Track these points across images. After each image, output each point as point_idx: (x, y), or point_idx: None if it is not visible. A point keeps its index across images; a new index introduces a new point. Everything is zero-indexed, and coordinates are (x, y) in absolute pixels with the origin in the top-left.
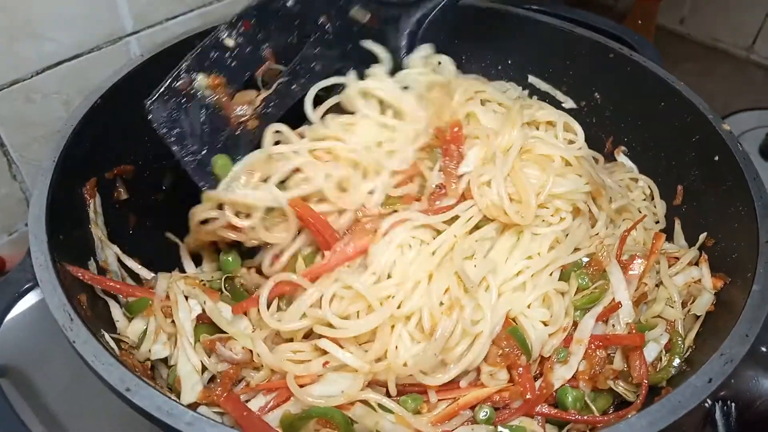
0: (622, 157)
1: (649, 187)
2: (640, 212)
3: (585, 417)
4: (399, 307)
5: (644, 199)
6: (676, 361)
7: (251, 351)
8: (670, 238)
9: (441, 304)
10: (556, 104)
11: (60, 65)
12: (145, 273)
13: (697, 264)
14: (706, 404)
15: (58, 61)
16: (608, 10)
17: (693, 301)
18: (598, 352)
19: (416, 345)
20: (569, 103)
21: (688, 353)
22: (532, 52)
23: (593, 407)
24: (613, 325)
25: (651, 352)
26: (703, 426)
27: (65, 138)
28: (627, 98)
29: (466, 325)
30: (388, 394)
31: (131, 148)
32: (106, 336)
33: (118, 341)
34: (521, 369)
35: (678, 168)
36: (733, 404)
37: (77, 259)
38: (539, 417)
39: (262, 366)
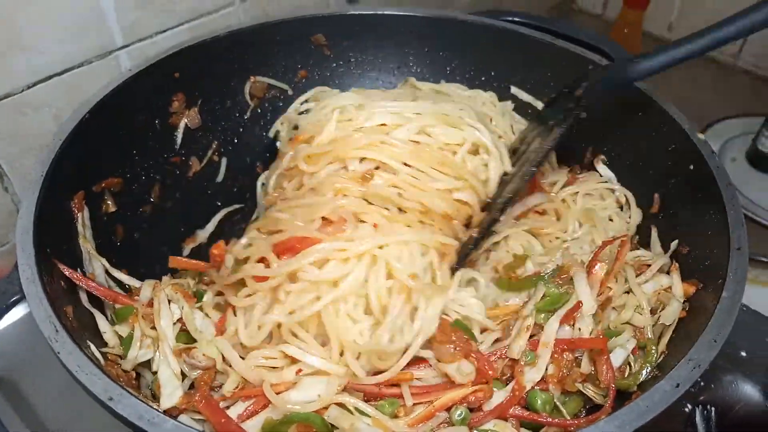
0: (601, 167)
1: (624, 196)
2: (611, 220)
3: (556, 420)
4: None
5: (620, 207)
6: (647, 369)
7: (214, 358)
8: (647, 246)
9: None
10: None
11: (50, 79)
12: (134, 282)
13: (668, 272)
14: (686, 408)
15: (48, 75)
16: (596, 18)
17: (663, 309)
18: (564, 355)
19: (364, 323)
20: None
21: (660, 359)
22: (514, 64)
23: (563, 410)
24: (579, 329)
25: (618, 357)
26: (684, 430)
27: (53, 152)
28: (606, 108)
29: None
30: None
31: (119, 161)
32: (92, 347)
33: (104, 353)
34: (474, 355)
35: (655, 177)
36: (713, 409)
37: (63, 273)
38: (513, 420)
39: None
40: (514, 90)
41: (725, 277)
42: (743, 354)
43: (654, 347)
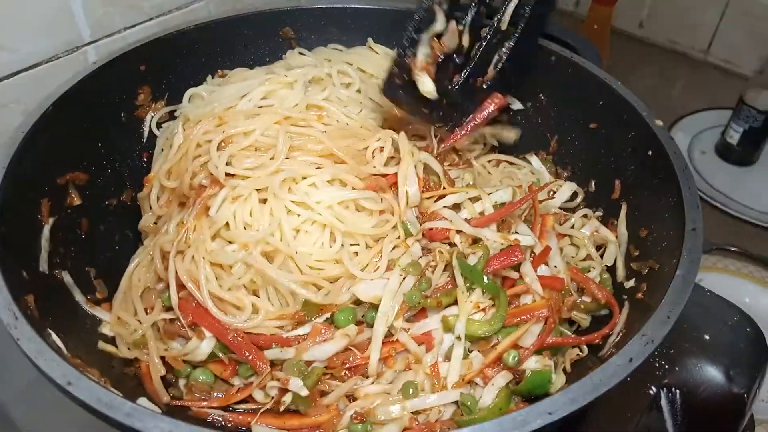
0: (534, 159)
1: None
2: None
3: (581, 338)
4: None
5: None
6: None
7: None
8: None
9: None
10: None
11: (18, 74)
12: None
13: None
14: (651, 391)
15: (16, 70)
16: (568, 15)
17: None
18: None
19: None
20: (517, 104)
21: None
22: None
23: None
24: (556, 266)
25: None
26: (649, 411)
27: (16, 144)
28: (569, 98)
29: None
30: None
31: (84, 155)
32: (53, 335)
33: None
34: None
35: (616, 163)
36: (677, 391)
37: (25, 262)
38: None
39: None
40: None
41: (680, 257)
42: (707, 337)
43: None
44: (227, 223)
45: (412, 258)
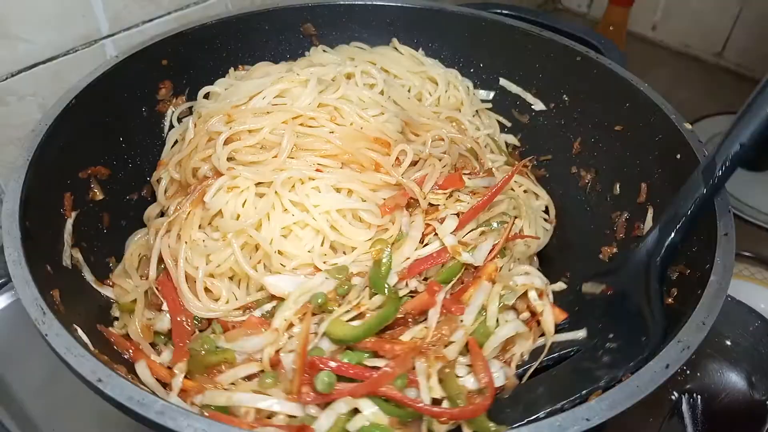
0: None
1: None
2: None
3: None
4: None
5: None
6: None
7: None
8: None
9: None
10: (527, 106)
11: (35, 67)
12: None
13: None
14: (673, 397)
15: (33, 63)
16: (581, 17)
17: None
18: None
19: None
20: (539, 105)
21: None
22: (502, 56)
23: None
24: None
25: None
26: (670, 417)
27: (39, 137)
28: (594, 100)
29: None
30: None
31: (106, 148)
32: (79, 331)
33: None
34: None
35: (642, 166)
36: (699, 397)
37: (49, 257)
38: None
39: None
40: (502, 82)
41: (713, 262)
42: (728, 343)
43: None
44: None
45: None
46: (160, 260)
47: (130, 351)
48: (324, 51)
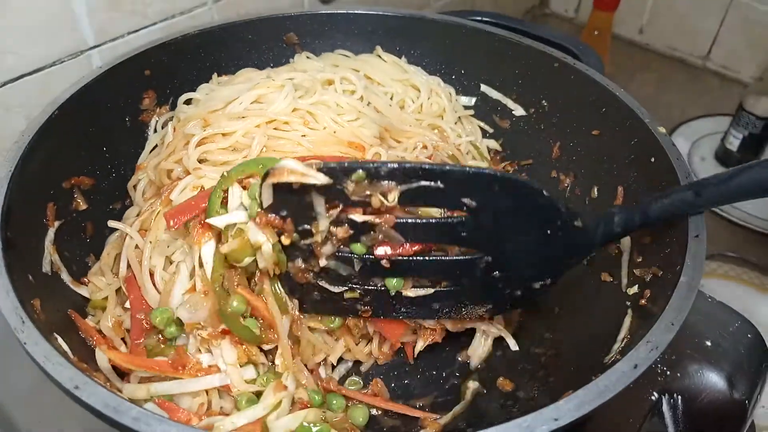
0: None
1: None
2: None
3: None
4: None
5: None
6: None
7: None
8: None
9: None
10: (508, 111)
11: (22, 78)
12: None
13: None
14: (653, 397)
15: (19, 74)
16: (568, 21)
17: None
18: None
19: None
20: (519, 111)
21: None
22: (483, 62)
23: None
24: None
25: None
26: (650, 417)
27: (21, 149)
28: (571, 105)
29: None
30: None
31: (89, 159)
32: (59, 339)
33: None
34: None
35: (618, 170)
36: (679, 397)
37: (31, 266)
38: None
39: None
40: (483, 88)
41: (683, 263)
42: (708, 344)
43: None
44: None
45: None
46: None
47: (94, 338)
48: (308, 58)
